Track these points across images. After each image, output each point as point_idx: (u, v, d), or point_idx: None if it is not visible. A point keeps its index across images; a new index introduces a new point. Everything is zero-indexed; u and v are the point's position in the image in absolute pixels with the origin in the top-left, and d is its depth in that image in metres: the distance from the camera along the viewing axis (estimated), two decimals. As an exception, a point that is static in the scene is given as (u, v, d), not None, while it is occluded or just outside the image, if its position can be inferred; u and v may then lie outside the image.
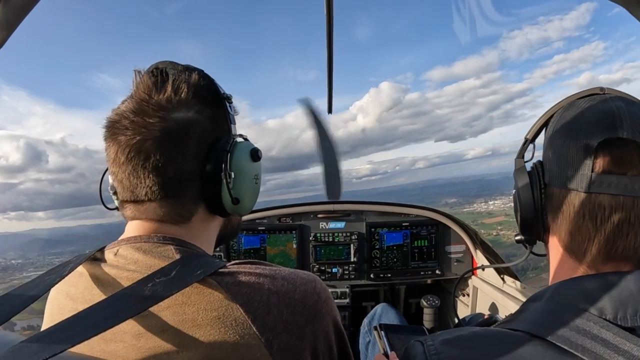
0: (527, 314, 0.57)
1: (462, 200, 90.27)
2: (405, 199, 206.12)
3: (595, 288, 0.53)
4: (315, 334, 0.60)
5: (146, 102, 0.62)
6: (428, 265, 2.12)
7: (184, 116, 0.63)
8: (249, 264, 0.62)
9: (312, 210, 2.13)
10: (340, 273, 2.09)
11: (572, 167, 0.56)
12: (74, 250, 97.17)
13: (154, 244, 0.61)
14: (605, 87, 0.62)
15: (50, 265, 2.26)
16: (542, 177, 0.62)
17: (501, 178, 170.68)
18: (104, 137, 0.65)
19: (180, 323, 0.54)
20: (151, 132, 0.61)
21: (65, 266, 0.62)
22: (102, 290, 0.60)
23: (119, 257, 0.61)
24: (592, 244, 0.56)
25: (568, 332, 0.49)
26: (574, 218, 0.57)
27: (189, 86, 0.65)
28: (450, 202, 36.41)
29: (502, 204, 72.34)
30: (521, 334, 0.52)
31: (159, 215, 0.64)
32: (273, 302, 0.57)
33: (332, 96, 1.80)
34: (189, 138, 0.63)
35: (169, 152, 0.62)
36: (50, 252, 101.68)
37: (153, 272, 0.56)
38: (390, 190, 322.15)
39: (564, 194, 0.58)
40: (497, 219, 12.29)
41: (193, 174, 0.65)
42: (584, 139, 0.54)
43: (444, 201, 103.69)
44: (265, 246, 2.11)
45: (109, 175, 0.67)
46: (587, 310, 0.51)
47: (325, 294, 0.65)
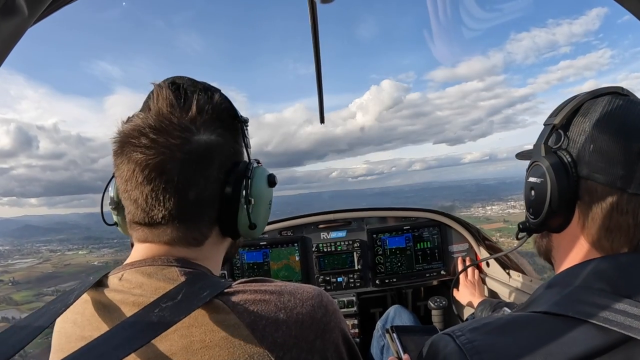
0: (545, 298, 0.58)
1: (458, 204, 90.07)
2: (401, 200, 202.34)
3: (609, 267, 0.56)
4: (325, 347, 0.60)
5: (168, 121, 0.60)
6: (433, 266, 2.12)
7: (207, 139, 0.62)
8: (253, 282, 0.61)
9: (313, 221, 2.13)
10: (345, 282, 2.08)
11: (621, 166, 0.57)
12: (63, 239, 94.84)
13: (159, 267, 0.61)
14: (624, 88, 0.64)
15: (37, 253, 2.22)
16: (574, 167, 0.61)
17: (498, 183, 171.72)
18: (115, 151, 0.63)
19: (189, 345, 0.54)
20: (174, 154, 0.59)
21: (70, 294, 0.62)
22: (108, 316, 0.60)
23: (124, 282, 0.61)
24: (623, 236, 0.59)
25: (588, 307, 0.51)
26: (614, 215, 0.58)
27: (213, 108, 0.64)
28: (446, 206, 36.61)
29: (500, 210, 71.92)
30: (544, 315, 0.54)
31: (173, 239, 0.63)
32: (281, 318, 0.57)
33: (323, 107, 1.84)
34: (212, 162, 0.63)
35: (192, 176, 0.61)
36: (40, 239, 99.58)
37: (159, 296, 0.56)
38: (385, 191, 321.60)
39: (607, 190, 0.58)
40: (496, 225, 12.26)
41: (213, 198, 0.65)
42: (639, 142, 0.57)
43: (440, 204, 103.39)
44: (268, 261, 2.10)
45: (119, 192, 0.65)
46: (602, 289, 0.54)
47: (332, 307, 0.65)
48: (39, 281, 61.32)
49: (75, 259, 74.14)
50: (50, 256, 77.42)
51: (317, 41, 1.26)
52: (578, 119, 0.63)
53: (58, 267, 69.82)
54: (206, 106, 0.64)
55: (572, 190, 0.61)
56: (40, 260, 74.60)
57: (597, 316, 0.50)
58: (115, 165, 0.63)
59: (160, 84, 0.64)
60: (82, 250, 79.19)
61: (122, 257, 0.78)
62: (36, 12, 0.51)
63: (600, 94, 0.64)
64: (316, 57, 1.37)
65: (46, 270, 68.68)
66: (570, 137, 0.63)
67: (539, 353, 0.49)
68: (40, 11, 0.52)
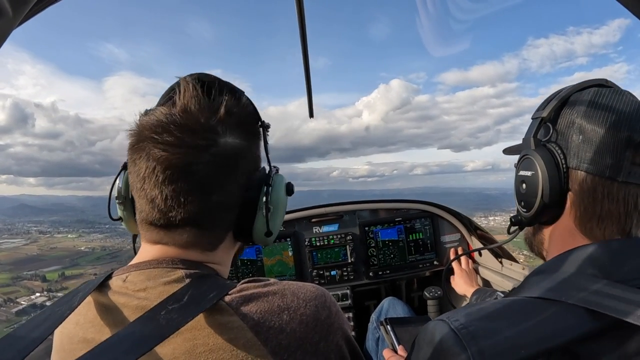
0: (537, 283, 0.58)
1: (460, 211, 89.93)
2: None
3: (601, 253, 0.57)
4: (329, 349, 0.60)
5: (196, 119, 0.58)
6: (425, 257, 2.12)
7: (232, 142, 0.61)
8: (256, 282, 0.60)
9: (305, 215, 2.13)
10: (339, 275, 2.07)
11: (609, 156, 0.58)
12: (56, 220, 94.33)
13: (164, 270, 0.59)
14: (609, 80, 0.66)
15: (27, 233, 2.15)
16: (564, 159, 0.62)
17: (499, 194, 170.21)
18: (132, 145, 0.60)
19: (192, 349, 0.53)
20: (201, 155, 0.58)
21: (74, 296, 0.60)
22: (111, 319, 0.58)
23: (128, 284, 0.59)
24: (615, 224, 0.59)
25: (581, 293, 0.52)
26: (605, 204, 0.59)
27: (240, 111, 0.64)
28: (448, 213, 36.05)
29: (503, 221, 71.30)
30: (538, 300, 0.54)
31: (188, 242, 0.62)
32: (285, 319, 0.56)
33: (312, 101, 1.88)
34: (236, 166, 0.62)
35: (217, 179, 0.60)
36: (32, 219, 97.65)
37: (165, 299, 0.55)
38: (386, 193, 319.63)
39: (597, 180, 0.59)
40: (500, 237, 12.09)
41: (233, 203, 0.64)
42: (627, 131, 0.57)
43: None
44: (261, 257, 2.10)
45: (133, 189, 0.62)
46: (594, 274, 0.55)
47: (335, 308, 0.64)
48: (20, 263, 60.19)
49: (62, 243, 73.06)
50: (39, 237, 76.05)
51: (304, 36, 1.30)
52: (565, 111, 0.64)
53: (44, 250, 68.89)
54: (234, 109, 0.62)
55: (562, 181, 0.62)
56: (28, 242, 73.33)
57: (590, 301, 0.50)
58: (131, 159, 0.60)
59: (186, 79, 0.61)
60: (72, 233, 78.13)
61: (110, 243, 0.78)
62: (21, 13, 0.51)
63: (586, 86, 0.65)
64: (304, 52, 1.41)
65: (31, 252, 67.74)
66: (558, 130, 0.64)
67: (534, 337, 0.49)
68: (25, 12, 0.52)
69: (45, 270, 54.88)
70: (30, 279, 49.86)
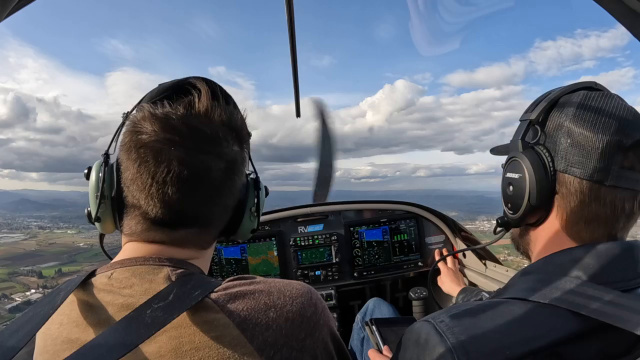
0: (522, 285, 0.59)
1: (462, 215, 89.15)
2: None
3: (587, 256, 0.57)
4: (315, 346, 0.60)
5: (216, 128, 0.62)
6: (410, 258, 2.12)
7: (237, 150, 0.66)
8: (241, 279, 0.61)
9: (290, 215, 2.13)
10: (323, 275, 2.07)
11: (597, 159, 0.57)
12: (56, 216, 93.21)
13: (150, 267, 0.60)
14: (598, 83, 0.66)
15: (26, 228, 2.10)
16: (551, 162, 0.62)
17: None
18: (143, 143, 0.59)
19: (178, 347, 0.53)
20: (218, 161, 0.62)
21: (57, 295, 0.60)
22: (96, 318, 0.58)
23: (113, 281, 0.59)
24: (602, 227, 0.60)
25: (565, 295, 0.52)
26: (592, 207, 0.59)
27: (242, 120, 0.69)
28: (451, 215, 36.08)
29: (507, 226, 70.49)
30: (523, 301, 0.54)
31: (187, 241, 0.64)
32: (271, 317, 0.56)
33: (299, 101, 1.88)
34: (240, 172, 0.68)
35: (227, 184, 0.65)
36: (33, 214, 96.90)
37: (151, 297, 0.55)
38: (388, 194, 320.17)
39: (585, 183, 0.58)
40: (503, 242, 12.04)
41: (232, 206, 0.69)
42: (615, 135, 0.57)
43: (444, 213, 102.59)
44: (246, 256, 2.10)
45: (133, 187, 0.61)
46: (579, 276, 0.55)
47: (322, 305, 0.65)
48: (17, 259, 59.84)
49: (61, 238, 72.50)
50: (38, 233, 75.29)
51: (293, 34, 1.30)
52: (554, 113, 0.63)
53: (42, 245, 68.34)
54: (238, 117, 0.68)
55: (550, 184, 0.61)
56: (27, 237, 72.64)
57: (575, 303, 0.51)
58: (138, 157, 0.59)
59: (197, 85, 0.64)
60: (72, 229, 77.28)
61: (109, 241, 0.78)
62: (6, 8, 0.51)
63: (575, 88, 0.65)
64: (292, 51, 1.41)
65: (29, 247, 67.15)
66: (546, 132, 0.64)
67: (519, 338, 0.50)
68: (9, 8, 0.52)
69: (42, 266, 54.75)
70: (26, 275, 49.69)
